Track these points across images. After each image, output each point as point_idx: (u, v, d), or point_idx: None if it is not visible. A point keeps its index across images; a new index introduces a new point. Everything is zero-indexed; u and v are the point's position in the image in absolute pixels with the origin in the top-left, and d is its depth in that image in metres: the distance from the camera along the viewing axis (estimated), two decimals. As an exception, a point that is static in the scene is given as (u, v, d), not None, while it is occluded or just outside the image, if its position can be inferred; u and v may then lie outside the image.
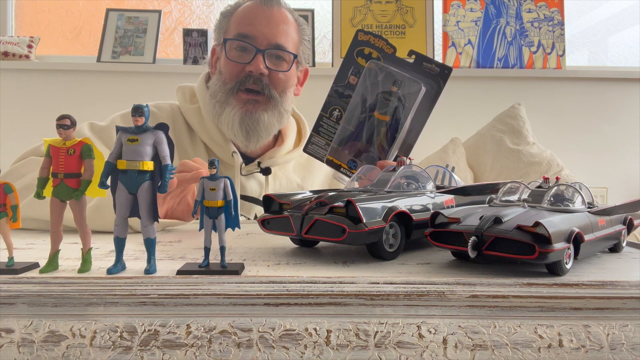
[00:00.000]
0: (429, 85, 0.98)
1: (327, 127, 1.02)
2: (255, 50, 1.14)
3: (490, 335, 0.50)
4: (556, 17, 2.05)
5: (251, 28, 1.15)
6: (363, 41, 1.01)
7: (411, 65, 0.99)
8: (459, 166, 1.78)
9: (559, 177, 0.72)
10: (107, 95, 1.96)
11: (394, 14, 2.04)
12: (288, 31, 1.18)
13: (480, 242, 0.55)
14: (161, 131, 0.53)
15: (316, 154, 1.03)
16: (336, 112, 1.01)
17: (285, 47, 1.16)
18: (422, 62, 0.98)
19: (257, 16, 1.16)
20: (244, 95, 1.15)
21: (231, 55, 1.16)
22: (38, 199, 0.53)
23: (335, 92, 1.01)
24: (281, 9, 1.19)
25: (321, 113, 1.02)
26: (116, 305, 0.49)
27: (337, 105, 1.01)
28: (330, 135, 1.01)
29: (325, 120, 1.02)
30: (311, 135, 1.03)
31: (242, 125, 1.15)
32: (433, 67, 0.98)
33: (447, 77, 0.97)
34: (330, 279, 0.52)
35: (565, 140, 2.03)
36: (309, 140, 1.03)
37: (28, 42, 2.00)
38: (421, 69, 0.98)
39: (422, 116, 0.99)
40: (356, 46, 1.01)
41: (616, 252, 0.70)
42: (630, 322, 0.51)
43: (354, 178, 0.79)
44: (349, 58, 1.01)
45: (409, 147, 1.00)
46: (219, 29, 1.22)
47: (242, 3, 1.21)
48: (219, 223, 0.54)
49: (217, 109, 1.17)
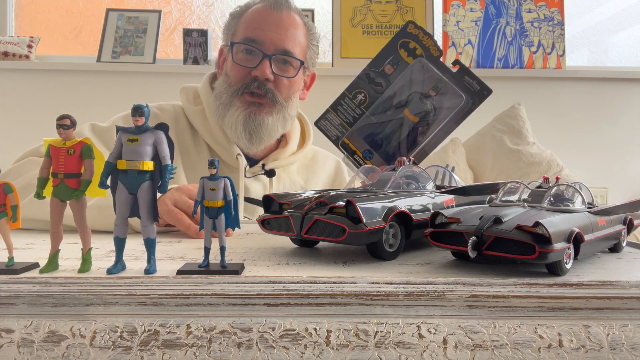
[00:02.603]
0: (464, 101, 0.95)
1: (346, 107, 0.98)
2: (262, 55, 1.13)
3: (490, 335, 0.50)
4: (556, 17, 2.05)
5: (259, 32, 1.14)
6: (412, 34, 0.97)
7: (452, 74, 0.96)
8: (459, 166, 1.78)
9: (559, 177, 0.72)
10: (107, 95, 1.96)
11: (394, 14, 2.04)
12: (296, 36, 1.17)
13: (480, 242, 0.55)
14: (161, 131, 0.53)
15: (327, 131, 0.98)
16: (360, 95, 0.97)
17: (292, 52, 1.16)
18: (464, 75, 0.96)
19: (266, 20, 1.15)
20: (248, 97, 1.15)
21: (238, 58, 1.16)
22: (38, 199, 0.53)
23: (367, 75, 0.98)
24: (291, 13, 1.18)
25: (345, 92, 0.98)
26: (116, 305, 0.49)
27: (363, 89, 0.98)
28: (346, 117, 0.98)
29: (346, 100, 0.98)
30: (327, 110, 0.99)
31: (246, 127, 1.14)
32: (474, 84, 0.96)
33: (485, 98, 0.95)
34: (330, 279, 0.52)
35: (565, 140, 2.03)
36: (323, 116, 0.99)
37: (28, 42, 2.00)
38: (461, 82, 0.96)
39: (448, 128, 0.97)
40: (402, 37, 0.97)
41: (616, 252, 0.70)
42: (630, 322, 0.51)
43: (355, 178, 0.79)
44: (390, 46, 0.97)
45: (425, 154, 0.98)
46: (227, 29, 1.22)
47: (252, 5, 1.20)
48: (219, 223, 0.54)
49: (220, 110, 1.17)
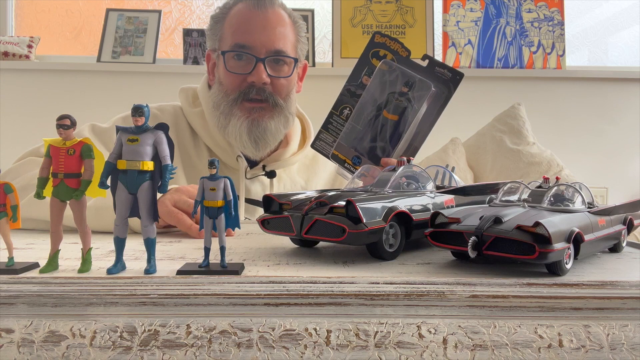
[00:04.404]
0: (439, 90, 0.98)
1: (336, 124, 1.02)
2: (255, 60, 1.11)
3: (490, 335, 0.50)
4: (556, 17, 2.05)
5: (247, 37, 1.11)
6: (379, 43, 1.01)
7: (424, 68, 0.99)
8: (459, 166, 1.77)
9: (559, 177, 0.72)
10: (107, 95, 1.96)
11: (394, 14, 2.04)
12: (285, 33, 1.15)
13: (480, 242, 0.55)
14: (161, 131, 0.53)
15: (323, 150, 1.03)
16: (347, 110, 1.02)
17: (285, 51, 1.14)
18: (434, 66, 0.99)
19: (252, 22, 1.12)
20: (248, 104, 1.13)
21: (230, 66, 1.13)
22: (38, 199, 0.53)
23: (348, 91, 1.02)
24: (275, 9, 1.15)
25: (332, 111, 1.03)
26: (116, 305, 0.49)
27: (348, 103, 1.02)
28: (338, 133, 1.02)
29: (335, 118, 1.03)
30: (320, 131, 1.04)
31: (250, 135, 1.13)
32: (445, 72, 0.98)
33: (458, 83, 0.98)
34: (330, 279, 0.52)
35: (565, 140, 2.03)
36: (317, 137, 1.04)
37: (28, 42, 2.00)
38: (433, 73, 0.98)
39: (430, 120, 0.99)
40: (372, 48, 1.02)
41: (616, 252, 0.70)
42: (630, 322, 0.51)
43: (355, 176, 0.79)
44: (363, 59, 1.02)
45: (415, 150, 1.01)
46: (212, 34, 1.18)
47: (232, 5, 1.16)
48: (219, 223, 0.54)
49: (222, 121, 1.15)
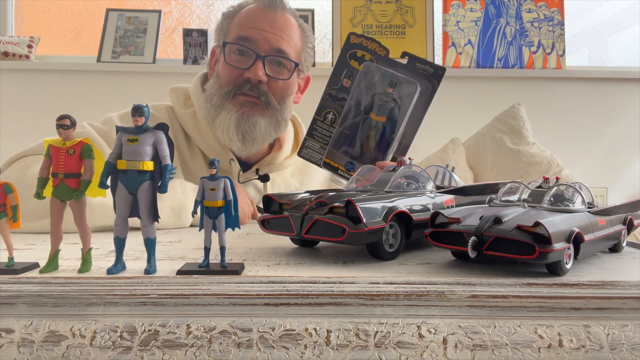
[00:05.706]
0: (423, 86, 0.98)
1: (321, 130, 1.01)
2: (255, 56, 1.10)
3: (490, 335, 0.50)
4: (556, 17, 2.05)
5: (252, 31, 1.12)
6: (355, 44, 1.00)
7: (405, 66, 0.98)
8: (459, 166, 1.77)
9: (559, 177, 0.72)
10: (107, 95, 1.96)
11: (394, 14, 2.04)
12: (291, 36, 1.15)
13: (480, 242, 0.55)
14: (161, 131, 0.54)
15: (311, 158, 1.02)
16: (330, 115, 1.00)
17: (287, 53, 1.13)
18: (415, 63, 0.98)
19: (260, 19, 1.13)
20: (241, 97, 1.12)
21: (230, 59, 1.13)
22: (38, 199, 0.53)
23: (329, 95, 1.01)
24: (285, 14, 1.15)
25: (315, 117, 1.01)
26: (116, 305, 0.49)
27: (331, 108, 1.01)
28: (324, 139, 1.01)
29: (319, 124, 1.01)
30: (305, 139, 1.02)
31: (238, 128, 1.12)
32: (427, 68, 0.98)
33: (441, 78, 0.97)
34: (330, 279, 0.52)
35: (565, 140, 2.03)
36: (303, 145, 1.02)
37: (28, 42, 1.99)
38: (415, 70, 0.98)
39: (417, 117, 0.99)
40: (349, 49, 1.01)
41: (616, 252, 0.70)
42: (630, 322, 0.51)
43: (354, 179, 0.79)
44: (341, 61, 1.01)
45: (405, 148, 1.00)
46: (219, 30, 1.19)
47: (245, 5, 1.17)
48: (219, 223, 0.54)
49: (212, 113, 1.14)
